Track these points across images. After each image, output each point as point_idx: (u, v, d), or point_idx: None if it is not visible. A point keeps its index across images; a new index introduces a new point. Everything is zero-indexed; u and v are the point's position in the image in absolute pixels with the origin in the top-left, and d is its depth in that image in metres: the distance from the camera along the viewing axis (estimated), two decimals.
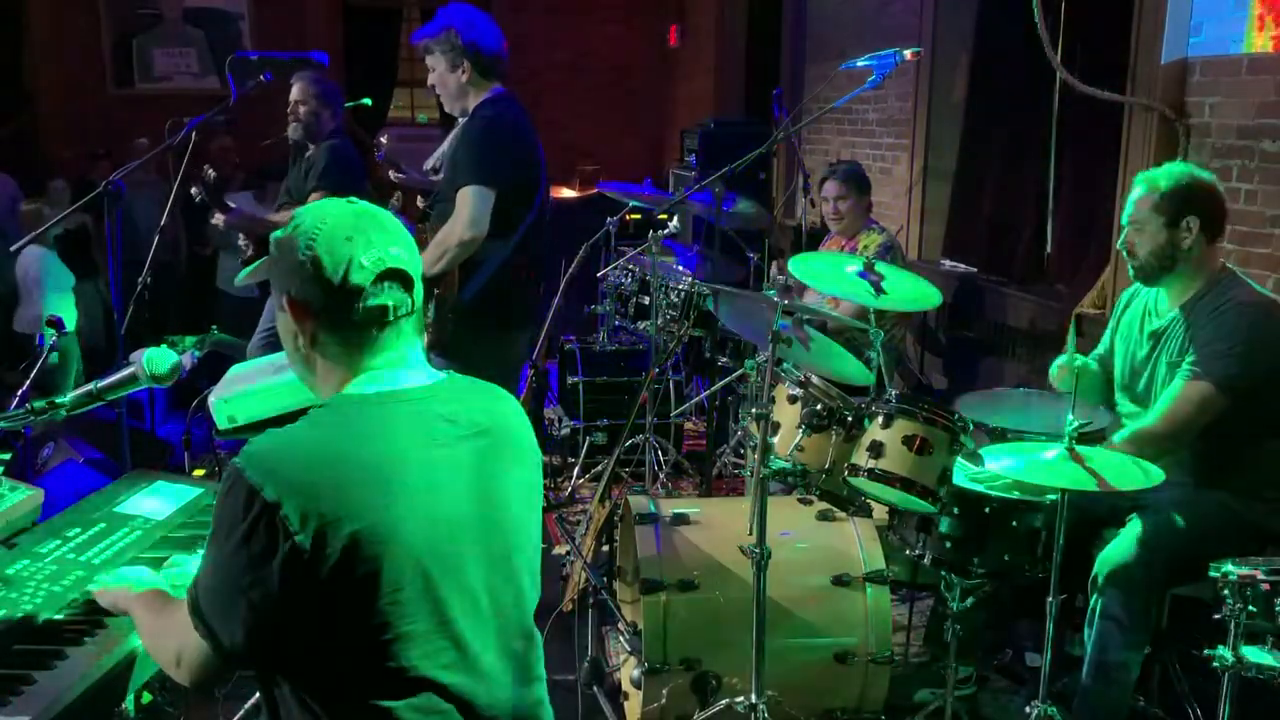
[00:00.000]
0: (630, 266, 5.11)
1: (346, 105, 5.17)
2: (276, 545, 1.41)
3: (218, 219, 4.61)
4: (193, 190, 4.48)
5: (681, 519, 3.02)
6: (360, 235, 1.55)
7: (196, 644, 1.49)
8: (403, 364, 1.61)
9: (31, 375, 2.68)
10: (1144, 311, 3.00)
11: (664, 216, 4.96)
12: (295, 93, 4.53)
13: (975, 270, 5.45)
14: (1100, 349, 3.20)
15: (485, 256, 3.32)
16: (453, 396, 1.63)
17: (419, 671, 1.49)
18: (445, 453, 1.57)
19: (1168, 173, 2.89)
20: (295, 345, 1.61)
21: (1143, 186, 2.88)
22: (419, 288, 1.63)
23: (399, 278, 1.58)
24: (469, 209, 3.21)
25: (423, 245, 3.40)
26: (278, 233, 1.61)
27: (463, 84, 3.39)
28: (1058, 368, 3.10)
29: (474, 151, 3.28)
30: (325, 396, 1.60)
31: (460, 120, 3.56)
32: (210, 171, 4.70)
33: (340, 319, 1.56)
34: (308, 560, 1.41)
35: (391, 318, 1.58)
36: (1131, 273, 2.96)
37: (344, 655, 1.47)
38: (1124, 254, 2.94)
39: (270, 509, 1.41)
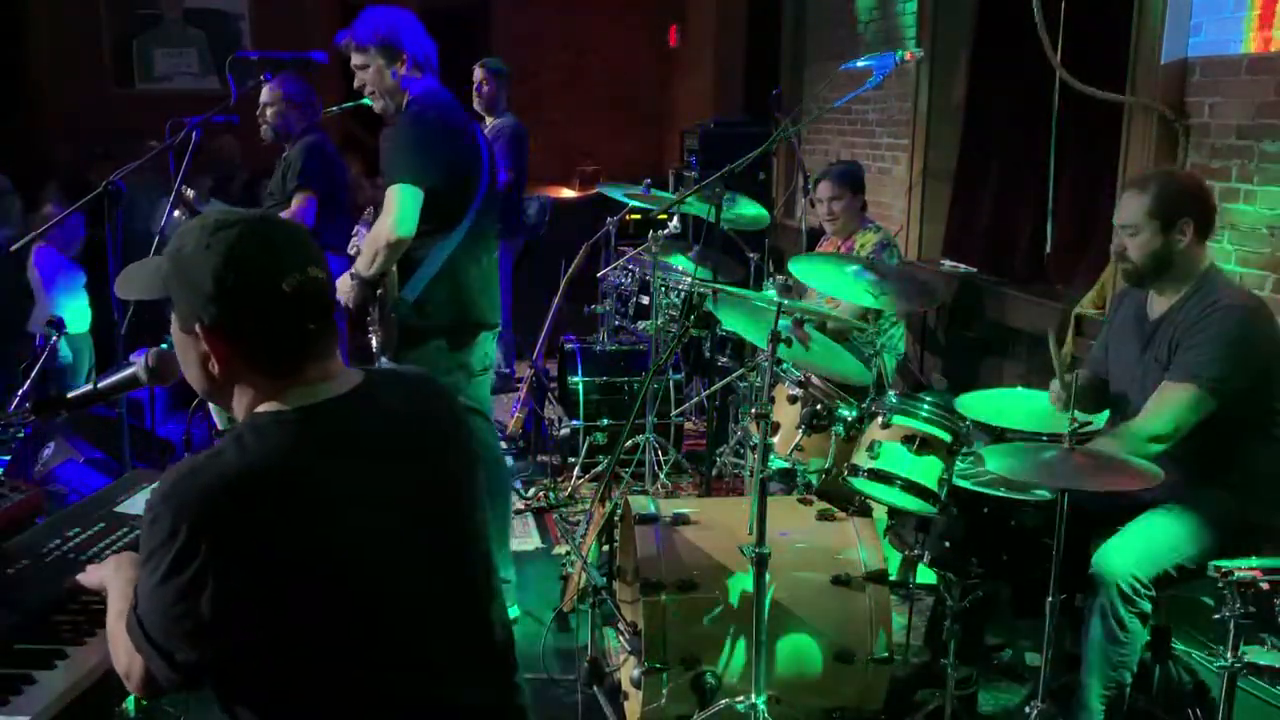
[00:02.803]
0: (630, 266, 5.11)
1: (346, 106, 5.17)
2: (205, 578, 1.38)
3: None
4: (176, 214, 4.49)
5: (681, 519, 3.02)
6: (276, 258, 1.49)
7: (142, 662, 1.47)
8: (321, 378, 1.55)
9: (32, 375, 2.68)
10: (1136, 312, 3.00)
11: (664, 216, 4.97)
12: (263, 94, 4.59)
13: (975, 270, 5.45)
14: (1095, 351, 3.20)
15: (426, 254, 3.26)
16: (374, 398, 1.59)
17: (373, 685, 1.48)
18: (373, 458, 1.54)
19: (1158, 176, 2.90)
20: (204, 369, 1.54)
21: (1134, 190, 2.88)
22: (332, 305, 1.58)
23: (318, 299, 1.53)
24: (396, 208, 3.15)
25: None
26: (185, 250, 1.51)
27: (396, 81, 3.32)
28: (1054, 396, 3.08)
29: (401, 149, 3.22)
30: (240, 415, 1.55)
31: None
32: (189, 192, 4.72)
33: (258, 345, 1.51)
34: (238, 589, 1.39)
35: (311, 340, 1.53)
36: (1124, 275, 2.97)
37: (291, 675, 1.45)
38: (1115, 257, 2.95)
39: (194, 542, 1.37)
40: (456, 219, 3.30)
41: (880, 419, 2.80)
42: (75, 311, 5.57)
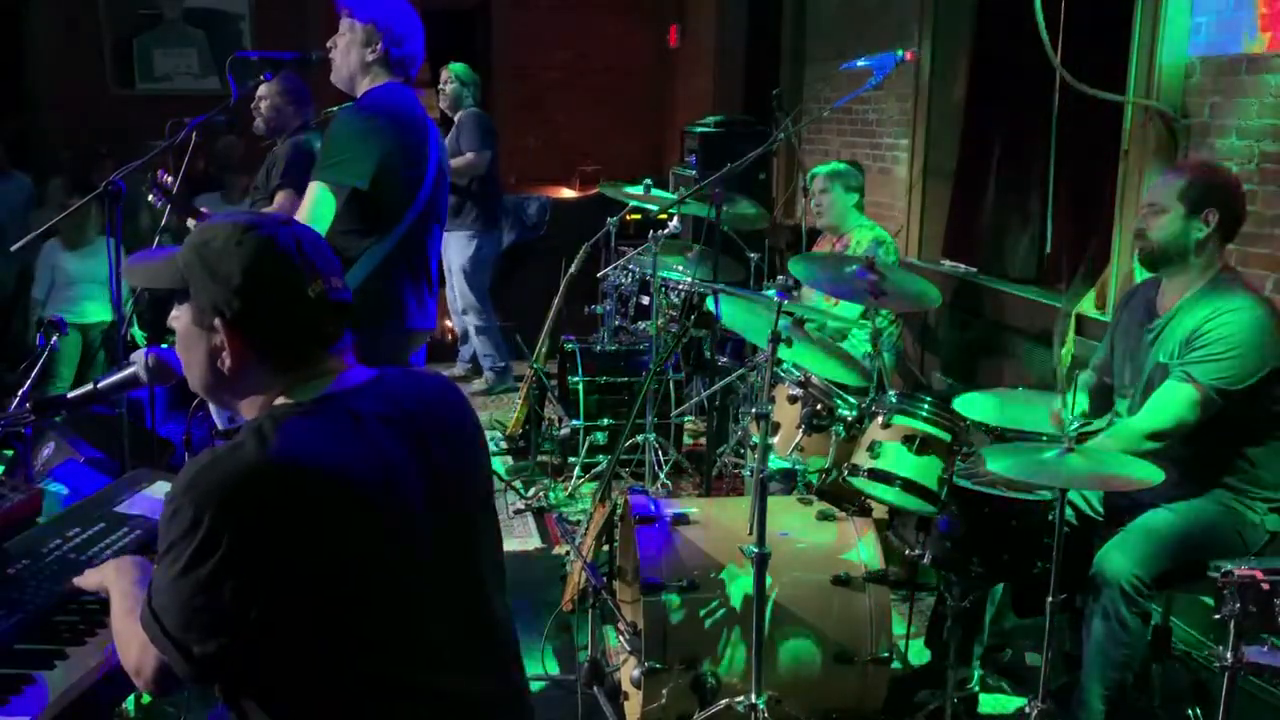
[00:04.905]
0: (630, 266, 5.11)
1: (345, 106, 5.17)
2: (226, 571, 1.39)
3: (191, 225, 4.59)
4: (150, 198, 4.43)
5: (681, 519, 3.02)
6: (305, 262, 1.53)
7: (156, 657, 1.47)
8: (335, 370, 1.59)
9: (33, 375, 2.68)
10: (1145, 306, 3.00)
11: (664, 216, 4.97)
12: (260, 89, 4.59)
13: (975, 270, 5.45)
14: (1099, 355, 3.20)
15: (356, 256, 3.13)
16: (388, 392, 1.62)
17: (387, 675, 1.49)
18: (389, 449, 1.55)
19: (1198, 165, 2.98)
20: (212, 364, 1.56)
21: (1171, 173, 2.95)
22: (349, 312, 1.61)
23: (338, 306, 1.57)
24: (309, 205, 3.03)
25: None
26: (214, 244, 1.54)
27: (365, 63, 3.21)
28: (1054, 417, 3.06)
29: (332, 146, 3.10)
30: (245, 412, 1.57)
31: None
32: (167, 178, 4.68)
33: (276, 342, 1.54)
34: (259, 581, 1.40)
35: (326, 340, 1.57)
36: (1140, 257, 2.98)
37: (307, 666, 1.46)
38: (1135, 237, 2.97)
39: (216, 535, 1.39)
40: (393, 222, 3.16)
41: (880, 419, 2.80)
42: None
